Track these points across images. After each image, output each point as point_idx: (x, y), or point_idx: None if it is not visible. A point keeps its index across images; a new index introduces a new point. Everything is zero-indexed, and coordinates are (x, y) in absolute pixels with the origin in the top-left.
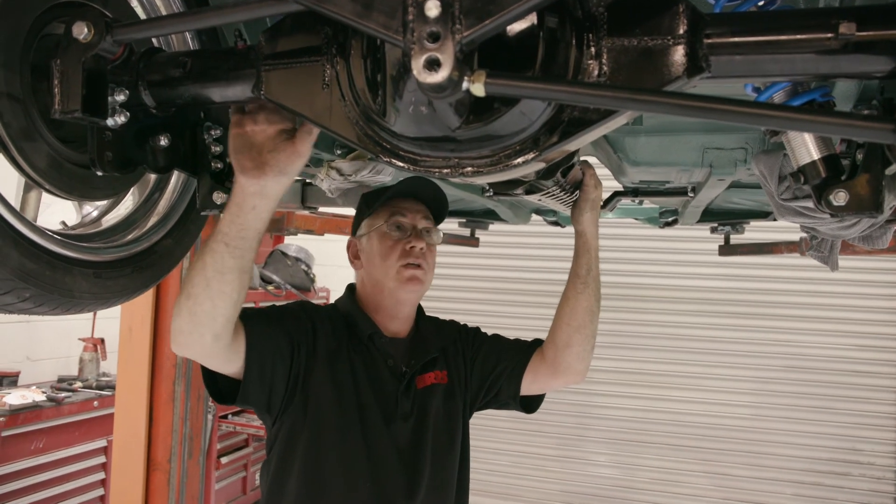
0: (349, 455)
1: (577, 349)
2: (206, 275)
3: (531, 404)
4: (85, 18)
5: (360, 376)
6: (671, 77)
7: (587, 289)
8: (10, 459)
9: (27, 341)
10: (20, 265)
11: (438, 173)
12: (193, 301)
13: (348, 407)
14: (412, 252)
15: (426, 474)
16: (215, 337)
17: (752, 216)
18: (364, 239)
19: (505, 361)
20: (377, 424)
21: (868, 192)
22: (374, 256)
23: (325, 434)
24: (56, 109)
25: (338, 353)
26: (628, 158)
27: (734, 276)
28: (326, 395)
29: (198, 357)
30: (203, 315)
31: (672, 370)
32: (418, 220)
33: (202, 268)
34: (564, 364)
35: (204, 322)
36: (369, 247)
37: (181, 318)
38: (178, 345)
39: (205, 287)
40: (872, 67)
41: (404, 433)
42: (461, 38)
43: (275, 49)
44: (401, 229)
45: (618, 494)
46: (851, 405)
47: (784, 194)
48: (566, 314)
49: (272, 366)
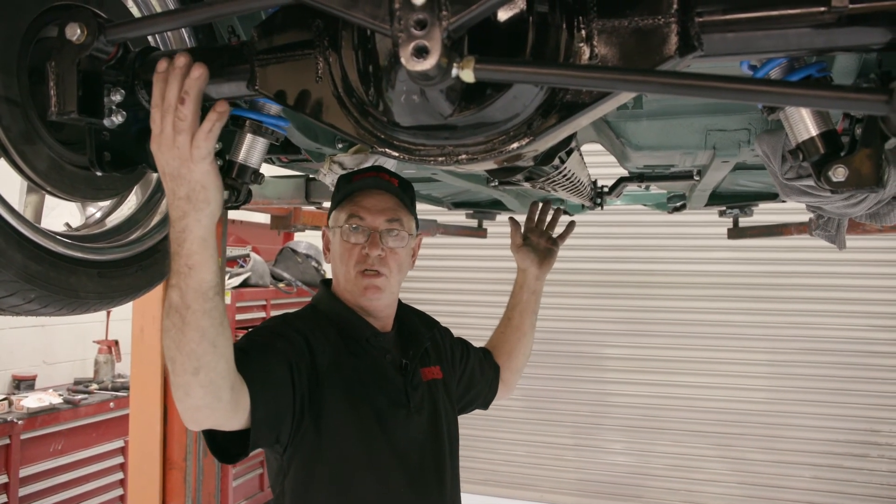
0: (377, 460)
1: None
2: (208, 338)
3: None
4: (77, 20)
5: (367, 379)
6: (663, 57)
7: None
8: (30, 462)
9: (43, 345)
10: (24, 267)
11: (433, 161)
12: (205, 371)
13: (364, 415)
14: (366, 260)
15: (448, 465)
16: (231, 391)
17: (760, 198)
18: (332, 232)
19: (480, 385)
20: (396, 422)
21: (868, 167)
22: (335, 257)
23: (347, 447)
24: (53, 111)
25: (338, 362)
26: (631, 143)
27: (746, 259)
28: (339, 409)
29: (218, 423)
30: (218, 378)
31: (686, 356)
32: (379, 221)
33: (201, 335)
34: (514, 386)
35: (220, 384)
36: (333, 243)
37: (193, 395)
38: (198, 422)
39: (213, 349)
40: (868, 40)
41: (422, 426)
42: (448, 25)
43: (268, 44)
44: (358, 232)
45: (634, 481)
46: (868, 386)
47: (788, 174)
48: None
49: (276, 399)
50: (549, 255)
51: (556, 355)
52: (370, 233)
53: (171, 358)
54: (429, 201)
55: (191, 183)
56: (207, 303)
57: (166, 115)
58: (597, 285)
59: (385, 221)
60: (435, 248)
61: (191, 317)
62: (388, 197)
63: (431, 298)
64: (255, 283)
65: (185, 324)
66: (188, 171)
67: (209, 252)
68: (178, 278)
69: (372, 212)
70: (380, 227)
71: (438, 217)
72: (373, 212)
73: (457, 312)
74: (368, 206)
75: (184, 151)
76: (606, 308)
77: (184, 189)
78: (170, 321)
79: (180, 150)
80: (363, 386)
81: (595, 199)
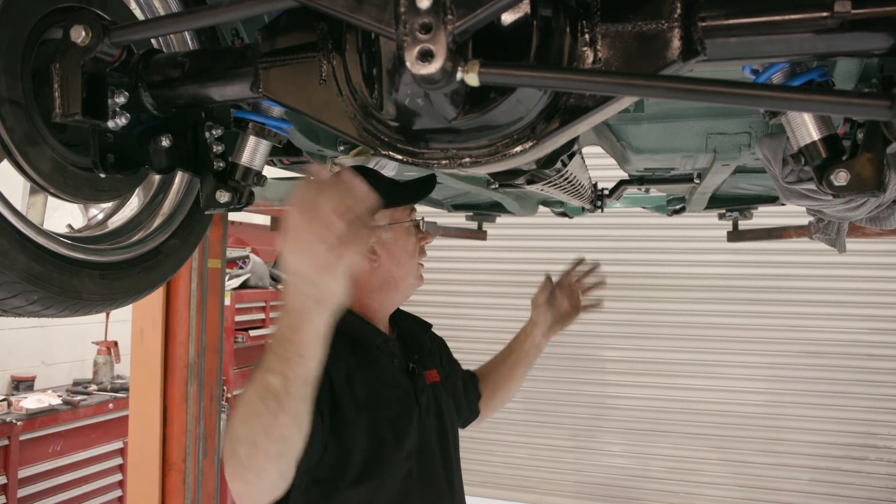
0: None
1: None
2: (298, 422)
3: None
4: (82, 22)
5: (380, 388)
6: (666, 61)
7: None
8: (29, 462)
9: (42, 346)
10: (27, 268)
11: (437, 165)
12: (288, 455)
13: (381, 427)
14: (423, 250)
15: (455, 466)
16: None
17: (759, 201)
18: (384, 232)
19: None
20: (410, 428)
21: (870, 172)
22: (401, 253)
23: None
24: (57, 113)
25: (351, 376)
26: (631, 146)
27: (746, 262)
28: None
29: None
30: (294, 460)
31: (685, 358)
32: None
33: (294, 420)
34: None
35: (293, 466)
36: (394, 240)
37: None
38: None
39: (300, 433)
40: (870, 45)
41: (431, 428)
42: (453, 29)
43: (271, 46)
44: (417, 227)
45: (633, 484)
46: (866, 389)
47: (788, 177)
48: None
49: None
50: (566, 318)
51: (556, 357)
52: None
53: (254, 442)
54: (429, 203)
55: (323, 289)
56: (308, 389)
57: (313, 221)
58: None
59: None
60: (435, 251)
61: (289, 402)
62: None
63: (431, 300)
64: (255, 285)
65: (281, 410)
66: (323, 280)
67: (322, 344)
68: (283, 365)
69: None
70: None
71: (438, 219)
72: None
73: (456, 314)
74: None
75: (325, 261)
76: (606, 310)
77: (313, 291)
78: (264, 406)
79: (321, 259)
80: (377, 397)
81: (595, 202)
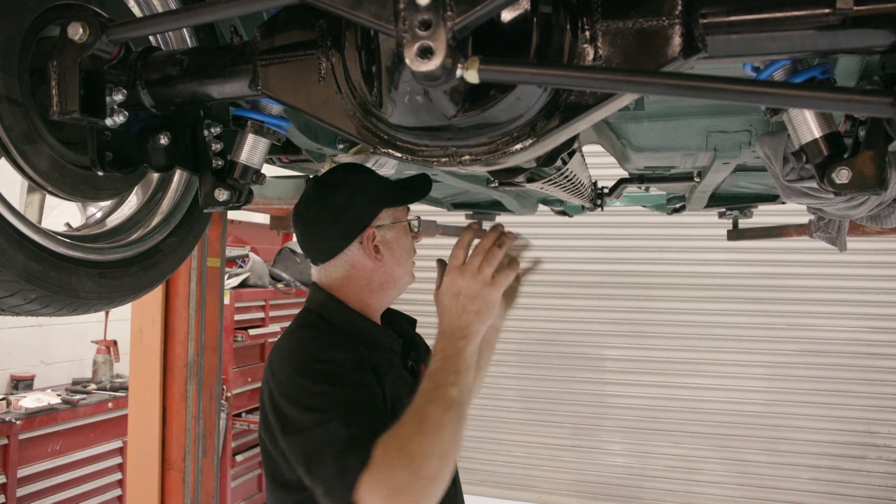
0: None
1: None
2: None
3: None
4: (80, 19)
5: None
6: (667, 58)
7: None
8: (28, 462)
9: (41, 345)
10: (25, 267)
11: (436, 162)
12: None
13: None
14: (415, 249)
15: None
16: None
17: (759, 200)
18: (386, 231)
19: None
20: None
21: (871, 169)
22: (402, 252)
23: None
24: (55, 111)
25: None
26: (632, 145)
27: (746, 260)
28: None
29: None
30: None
31: (685, 357)
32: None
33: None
34: None
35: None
36: (396, 239)
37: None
38: None
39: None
40: (872, 42)
41: None
42: (453, 25)
43: (270, 44)
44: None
45: (633, 483)
46: (866, 388)
47: (789, 175)
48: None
49: None
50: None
51: (556, 356)
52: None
53: (446, 453)
54: (428, 202)
55: (486, 302)
56: (472, 396)
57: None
58: (596, 286)
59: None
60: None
61: (464, 411)
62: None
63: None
64: (254, 284)
65: (460, 418)
66: (487, 294)
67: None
68: (458, 376)
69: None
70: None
71: (438, 217)
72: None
73: None
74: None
75: (487, 279)
76: (606, 309)
77: (477, 305)
78: (449, 417)
79: (484, 279)
80: (397, 396)
81: (595, 200)
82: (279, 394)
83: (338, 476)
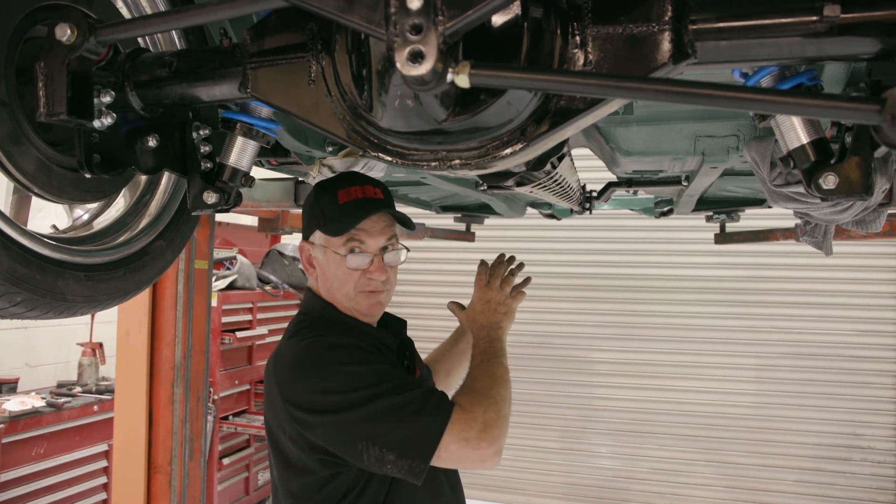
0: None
1: None
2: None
3: None
4: (67, 20)
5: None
6: (657, 64)
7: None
8: (12, 466)
9: (25, 347)
10: (11, 270)
11: (426, 166)
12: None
13: None
14: (371, 283)
15: None
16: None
17: (746, 204)
18: (318, 250)
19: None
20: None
21: (857, 175)
22: (330, 278)
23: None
24: (41, 112)
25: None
26: (620, 149)
27: (733, 264)
28: None
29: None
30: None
31: (673, 360)
32: (380, 242)
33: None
34: None
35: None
36: (325, 262)
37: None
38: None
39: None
40: (858, 49)
41: None
42: (444, 30)
43: (260, 46)
44: (359, 256)
45: (621, 485)
46: (852, 391)
47: (776, 180)
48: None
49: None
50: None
51: (544, 359)
52: (373, 257)
53: (510, 402)
54: (417, 205)
55: (510, 308)
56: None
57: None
58: (584, 289)
59: (385, 240)
60: (423, 252)
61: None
62: (381, 215)
63: (419, 302)
64: (242, 286)
65: (509, 382)
66: (510, 303)
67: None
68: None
69: (371, 234)
70: (381, 243)
71: (426, 220)
72: (372, 234)
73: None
74: (367, 229)
75: (507, 293)
76: (594, 312)
77: (504, 309)
78: (507, 377)
79: (506, 294)
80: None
81: (583, 204)
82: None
83: (420, 432)
